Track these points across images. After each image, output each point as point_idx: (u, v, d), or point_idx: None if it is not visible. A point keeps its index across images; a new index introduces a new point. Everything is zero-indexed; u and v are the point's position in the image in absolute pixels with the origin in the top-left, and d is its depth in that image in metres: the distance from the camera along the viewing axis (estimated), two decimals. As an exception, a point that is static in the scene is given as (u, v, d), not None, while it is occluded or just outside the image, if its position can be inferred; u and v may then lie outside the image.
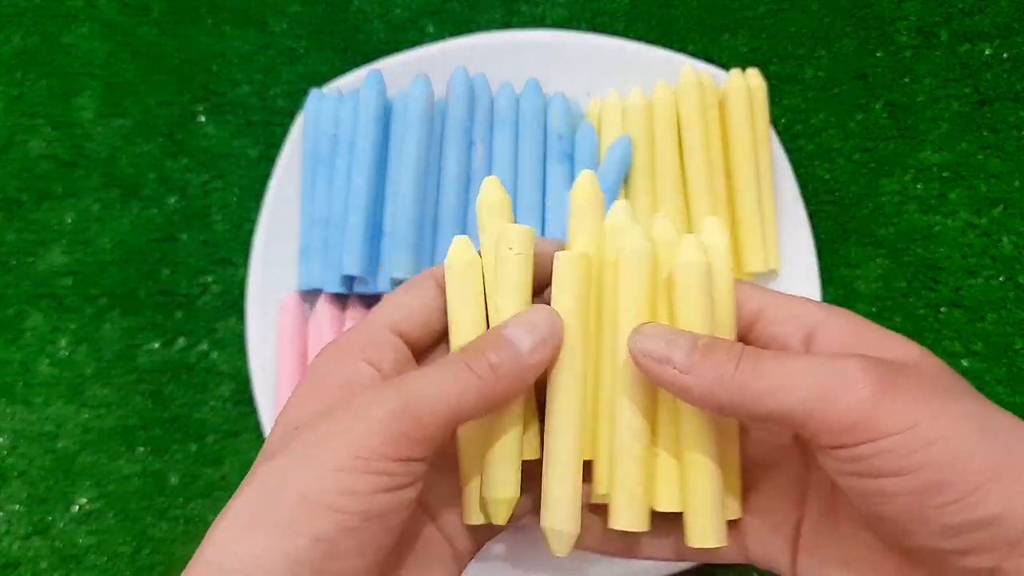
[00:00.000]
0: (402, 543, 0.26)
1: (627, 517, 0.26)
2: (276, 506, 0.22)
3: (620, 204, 0.28)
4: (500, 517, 0.26)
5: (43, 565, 0.46)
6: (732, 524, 0.27)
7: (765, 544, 0.27)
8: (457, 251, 0.27)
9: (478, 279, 0.27)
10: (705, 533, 0.25)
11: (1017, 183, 0.48)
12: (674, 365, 0.23)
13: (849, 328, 0.25)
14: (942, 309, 0.48)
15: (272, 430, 0.25)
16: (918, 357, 0.24)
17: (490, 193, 0.28)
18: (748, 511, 0.28)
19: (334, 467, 0.22)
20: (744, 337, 0.27)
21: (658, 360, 0.24)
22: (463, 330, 0.27)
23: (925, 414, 0.21)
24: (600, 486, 0.27)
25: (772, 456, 0.28)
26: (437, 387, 0.23)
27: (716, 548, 0.26)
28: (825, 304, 0.26)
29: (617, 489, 0.26)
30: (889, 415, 0.21)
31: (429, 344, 0.28)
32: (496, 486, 0.26)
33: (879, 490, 0.22)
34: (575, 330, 0.26)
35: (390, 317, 0.26)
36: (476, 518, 0.27)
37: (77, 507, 0.46)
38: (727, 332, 0.27)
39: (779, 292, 0.27)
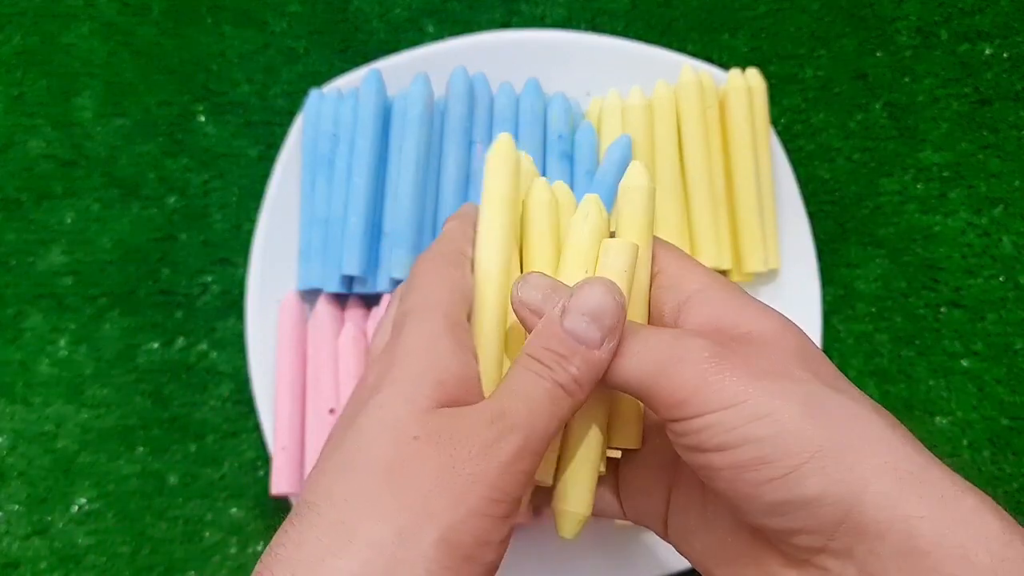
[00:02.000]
0: None
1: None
2: (417, 550, 0.21)
3: (526, 160, 0.29)
4: (570, 532, 0.26)
5: (42, 565, 0.46)
6: (608, 482, 0.29)
7: (639, 506, 0.28)
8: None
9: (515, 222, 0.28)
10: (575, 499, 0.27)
11: (1017, 183, 0.48)
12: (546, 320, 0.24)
13: (719, 300, 0.25)
14: (942, 309, 0.48)
15: (361, 423, 0.23)
16: (777, 330, 0.24)
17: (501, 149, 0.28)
18: (626, 472, 0.29)
19: (473, 510, 0.21)
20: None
21: (532, 312, 0.24)
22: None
23: (753, 392, 0.22)
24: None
25: (651, 425, 0.28)
26: (541, 415, 0.23)
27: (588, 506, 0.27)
28: (710, 272, 0.26)
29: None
30: (717, 391, 0.22)
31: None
32: (573, 501, 0.26)
33: (708, 464, 0.22)
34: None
35: (457, 298, 0.26)
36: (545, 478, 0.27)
37: (76, 507, 0.46)
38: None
39: (680, 254, 0.27)
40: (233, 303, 0.48)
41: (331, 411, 0.43)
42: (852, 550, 0.21)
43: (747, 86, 0.45)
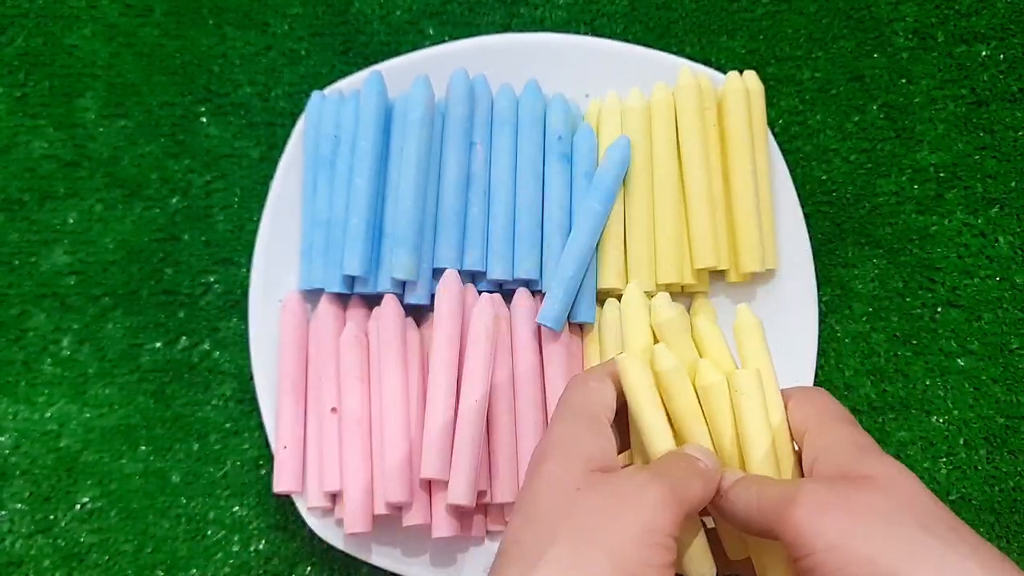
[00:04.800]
0: None
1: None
2: (590, 566, 0.25)
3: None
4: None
5: (46, 563, 0.46)
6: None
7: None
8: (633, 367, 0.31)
9: (655, 390, 0.31)
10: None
11: (1013, 183, 0.49)
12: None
13: (847, 453, 0.29)
14: (939, 309, 0.48)
15: (533, 486, 0.28)
16: (894, 476, 0.27)
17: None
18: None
19: (632, 538, 0.26)
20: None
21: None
22: (657, 434, 0.31)
23: (850, 536, 0.25)
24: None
25: None
26: (682, 479, 0.28)
27: None
28: (843, 423, 0.30)
29: None
30: (821, 533, 0.25)
31: None
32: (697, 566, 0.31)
33: None
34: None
35: (597, 404, 0.31)
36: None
37: (80, 506, 0.47)
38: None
39: (820, 405, 0.31)
40: (235, 303, 0.49)
41: (333, 410, 0.43)
42: None
43: (745, 88, 0.45)
